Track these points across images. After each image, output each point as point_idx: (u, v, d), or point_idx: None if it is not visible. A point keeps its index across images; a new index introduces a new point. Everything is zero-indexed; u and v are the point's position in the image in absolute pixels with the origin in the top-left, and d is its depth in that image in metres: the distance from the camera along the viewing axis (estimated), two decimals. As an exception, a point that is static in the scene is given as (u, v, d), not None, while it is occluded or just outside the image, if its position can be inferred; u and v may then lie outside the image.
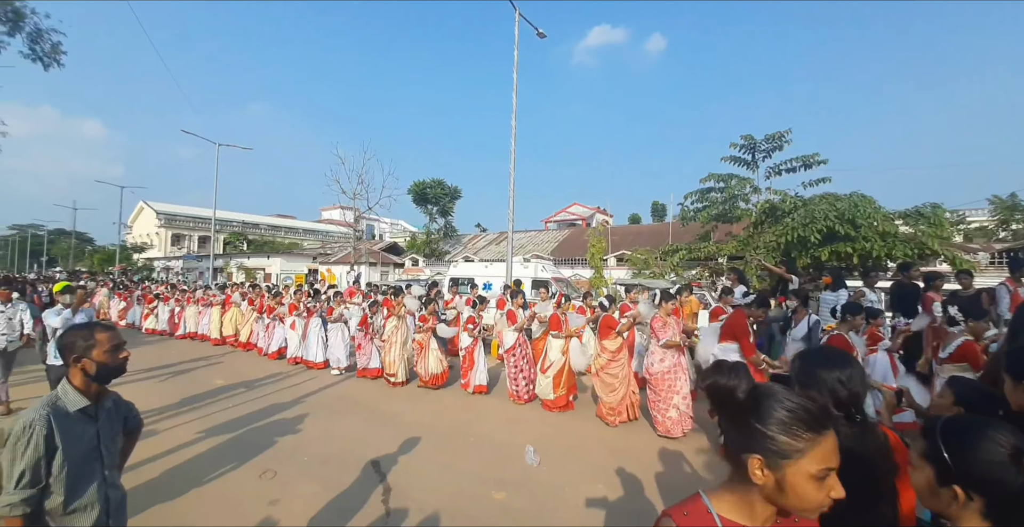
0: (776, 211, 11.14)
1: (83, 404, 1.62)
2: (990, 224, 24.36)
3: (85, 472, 1.60)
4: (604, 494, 3.50)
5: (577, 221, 38.71)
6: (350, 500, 3.33)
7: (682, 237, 17.89)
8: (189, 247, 45.12)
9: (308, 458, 4.06)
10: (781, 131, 11.52)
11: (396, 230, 49.82)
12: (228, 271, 30.26)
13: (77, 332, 1.68)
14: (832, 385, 1.39)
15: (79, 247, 47.81)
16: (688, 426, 4.71)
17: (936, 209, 9.59)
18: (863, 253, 8.83)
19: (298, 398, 6.04)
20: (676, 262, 12.92)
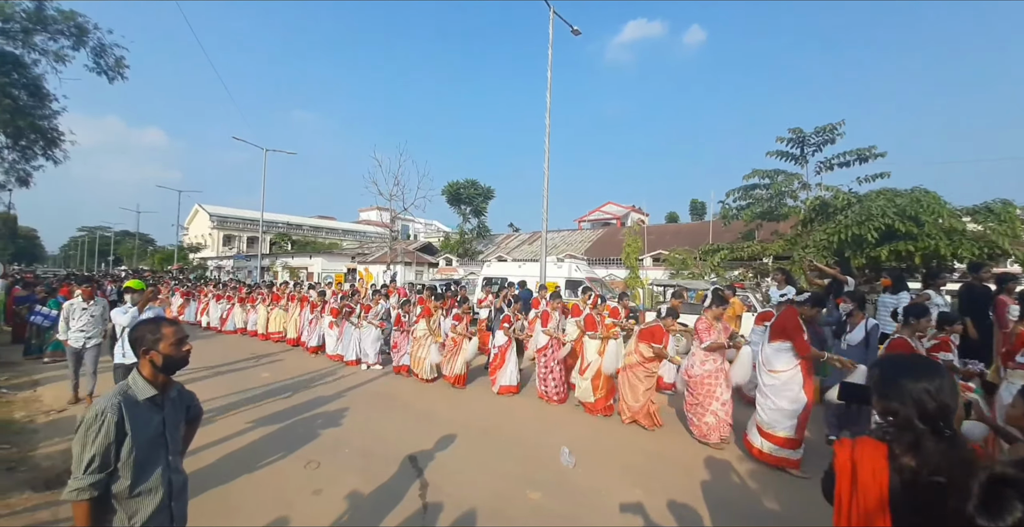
0: (827, 208, 10.46)
1: (151, 393, 1.71)
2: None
3: (151, 457, 1.67)
4: (641, 499, 3.41)
5: (611, 220, 38.07)
6: (389, 493, 3.42)
7: (723, 236, 17.23)
8: (239, 247, 47.80)
9: (349, 451, 4.20)
10: (833, 123, 10.83)
11: (430, 230, 50.80)
12: (274, 270, 31.83)
13: (146, 326, 1.78)
14: (919, 396, 1.28)
15: (142, 247, 51.78)
16: (726, 433, 4.50)
17: (1007, 205, 8.71)
18: (926, 252, 8.17)
19: (339, 393, 6.26)
20: (717, 262, 12.43)
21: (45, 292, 9.27)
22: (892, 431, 1.33)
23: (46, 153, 16.53)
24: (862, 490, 1.31)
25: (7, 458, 3.91)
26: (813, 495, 3.48)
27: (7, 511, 3.08)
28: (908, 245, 8.27)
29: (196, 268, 37.19)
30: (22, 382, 6.54)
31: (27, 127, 15.29)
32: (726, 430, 4.51)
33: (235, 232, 49.39)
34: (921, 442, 1.26)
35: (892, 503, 1.26)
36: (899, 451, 1.28)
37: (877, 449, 1.32)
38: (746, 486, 3.71)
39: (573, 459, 4.07)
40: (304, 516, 3.09)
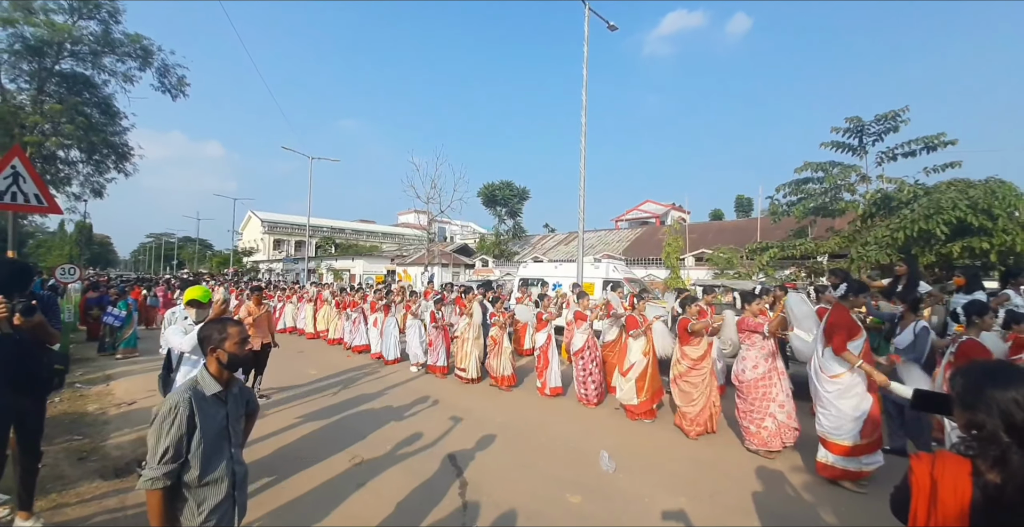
0: (890, 202, 9.66)
1: (217, 389, 1.82)
2: None
3: (217, 449, 1.78)
4: (685, 507, 3.28)
5: (650, 219, 37.12)
6: (430, 490, 3.47)
7: (772, 234, 16.36)
8: (287, 251, 50.43)
9: (391, 447, 4.31)
10: (895, 110, 10.02)
11: (466, 232, 51.48)
12: (320, 272, 33.29)
13: (213, 326, 1.92)
14: (1006, 406, 1.17)
15: (201, 252, 55.66)
16: (790, 439, 4.20)
17: None
18: (1003, 249, 7.39)
19: (381, 391, 6.45)
20: (766, 261, 11.79)
21: (117, 294, 10.12)
22: (977, 445, 1.21)
23: (117, 166, 18.16)
24: (941, 509, 1.20)
25: (79, 449, 4.19)
26: (874, 509, 3.24)
27: (76, 499, 3.27)
28: (982, 241, 7.52)
29: (249, 271, 39.55)
30: (96, 377, 7.11)
31: (100, 143, 16.83)
32: (790, 435, 4.21)
33: (284, 236, 52.16)
34: (1008, 456, 1.14)
35: (973, 519, 1.15)
36: (984, 467, 1.17)
37: (961, 465, 1.21)
38: (801, 498, 3.49)
39: (614, 464, 3.97)
40: (351, 510, 3.19)
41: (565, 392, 6.28)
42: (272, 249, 50.78)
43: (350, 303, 9.79)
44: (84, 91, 16.33)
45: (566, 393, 6.27)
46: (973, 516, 1.16)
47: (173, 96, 17.88)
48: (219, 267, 43.15)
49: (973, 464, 1.19)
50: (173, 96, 17.88)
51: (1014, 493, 1.12)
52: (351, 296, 10.08)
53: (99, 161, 17.80)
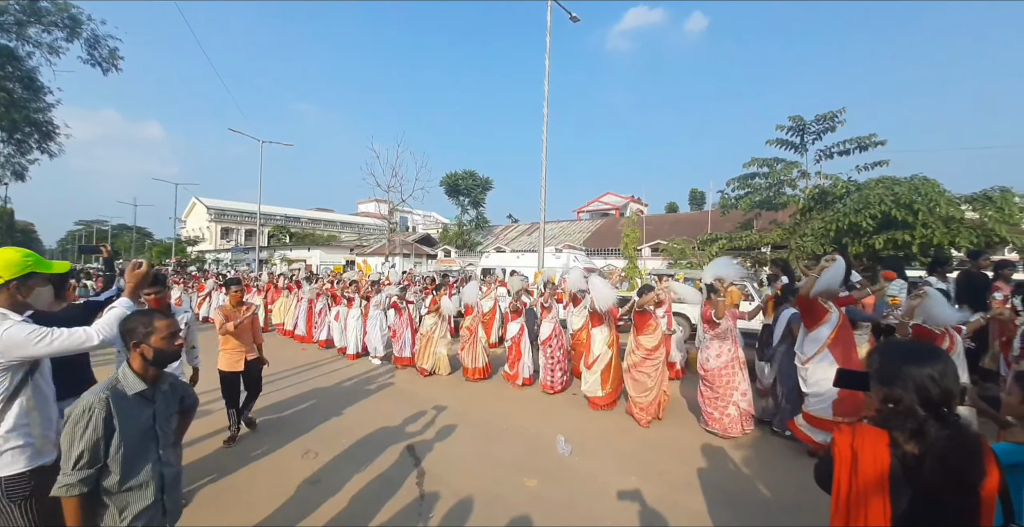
0: (826, 196, 10.42)
1: (140, 388, 1.67)
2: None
3: (141, 452, 1.65)
4: (637, 486, 3.44)
5: (611, 211, 38.01)
6: (386, 483, 3.44)
7: (722, 226, 17.19)
8: (237, 240, 47.68)
9: (347, 441, 4.22)
10: (833, 111, 10.75)
11: (429, 222, 50.67)
12: (272, 263, 31.77)
13: (138, 318, 1.74)
14: (922, 382, 1.26)
15: (139, 241, 51.57)
16: (749, 426, 4.43)
17: (1005, 193, 8.66)
18: (924, 241, 8.16)
19: (338, 384, 6.28)
20: (715, 252, 12.40)
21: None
22: (894, 418, 1.30)
23: (41, 146, 16.39)
24: (862, 478, 1.29)
25: None
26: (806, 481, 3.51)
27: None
28: (905, 234, 8.25)
29: (194, 261, 37.11)
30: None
31: (22, 120, 15.12)
32: (749, 422, 4.44)
33: (233, 225, 49.22)
34: (925, 428, 1.24)
35: (892, 490, 1.25)
36: (902, 439, 1.27)
37: (879, 437, 1.29)
38: (741, 473, 3.74)
39: (570, 447, 4.09)
40: (302, 506, 3.11)
41: (535, 382, 6.32)
42: (219, 238, 47.82)
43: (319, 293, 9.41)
44: (7, 64, 14.54)
45: (535, 383, 6.32)
46: (891, 483, 1.25)
47: (104, 70, 16.22)
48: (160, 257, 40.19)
49: (890, 436, 1.30)
50: (104, 70, 16.22)
51: (934, 463, 1.21)
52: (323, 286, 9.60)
53: (21, 140, 15.98)
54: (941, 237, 8.03)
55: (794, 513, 3.10)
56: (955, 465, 1.22)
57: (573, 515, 3.07)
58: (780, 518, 3.06)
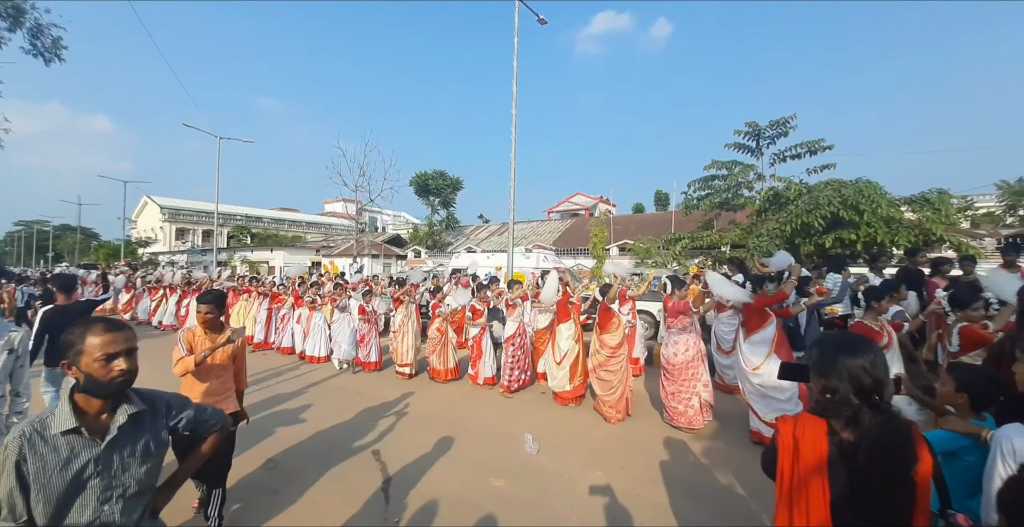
0: (780, 198, 10.99)
1: (69, 425, 1.28)
2: (998, 210, 24.04)
3: (73, 507, 1.29)
4: (604, 481, 3.51)
5: (580, 211, 38.52)
6: (350, 490, 3.36)
7: (685, 226, 17.76)
8: (193, 241, 45.38)
9: (310, 448, 4.11)
10: (786, 117, 11.34)
11: (399, 222, 49.83)
12: (232, 264, 30.43)
13: (77, 330, 1.38)
14: (856, 373, 1.33)
15: (85, 242, 48.15)
16: (709, 416, 4.60)
17: (942, 195, 9.43)
18: (867, 240, 8.73)
19: (301, 390, 6.09)
20: (678, 251, 12.83)
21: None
22: (831, 407, 1.38)
23: (-24, 143, 15.03)
24: (803, 463, 1.36)
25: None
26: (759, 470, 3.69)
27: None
28: (851, 233, 8.80)
29: (146, 264, 35.07)
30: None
31: (-43, 115, 13.83)
32: (708, 412, 4.59)
33: (189, 225, 46.81)
34: (859, 416, 1.32)
35: (831, 475, 1.33)
36: (838, 426, 1.35)
37: (818, 425, 1.37)
38: (701, 464, 3.88)
39: (537, 445, 4.13)
40: (260, 517, 3.00)
41: (498, 381, 6.33)
42: (174, 239, 45.35)
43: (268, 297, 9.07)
44: None
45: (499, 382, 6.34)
46: (830, 469, 1.33)
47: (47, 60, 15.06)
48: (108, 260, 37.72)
49: (828, 424, 1.38)
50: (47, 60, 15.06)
51: (868, 448, 1.29)
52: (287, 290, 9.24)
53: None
54: (883, 236, 8.61)
55: (749, 500, 3.25)
56: (887, 450, 1.31)
57: (539, 513, 3.10)
58: (736, 505, 3.21)
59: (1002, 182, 23.57)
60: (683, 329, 4.71)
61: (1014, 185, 22.92)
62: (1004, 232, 16.81)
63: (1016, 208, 22.59)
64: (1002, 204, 23.74)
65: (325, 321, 7.84)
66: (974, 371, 2.06)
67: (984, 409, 1.89)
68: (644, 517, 3.05)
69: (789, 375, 1.91)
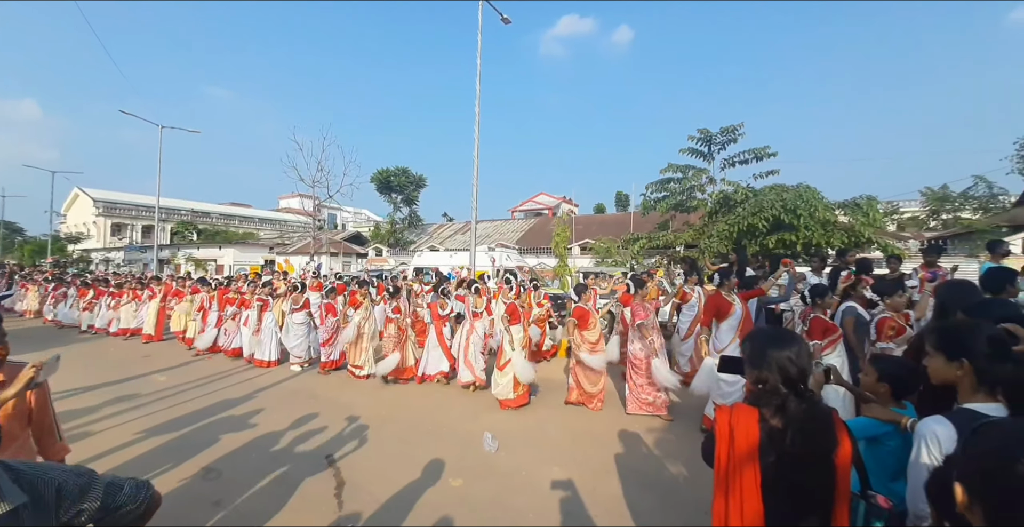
0: (729, 201, 11.61)
1: None
2: (921, 214, 26.31)
3: None
4: (561, 476, 3.57)
5: (544, 210, 38.91)
6: (301, 497, 3.24)
7: (643, 226, 18.34)
8: (131, 237, 42.10)
9: (257, 455, 3.92)
10: (734, 125, 11.96)
11: (360, 219, 48.42)
12: (175, 263, 28.53)
13: None
14: (782, 363, 1.43)
15: (7, 237, 43.51)
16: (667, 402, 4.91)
17: (870, 200, 10.31)
18: (806, 241, 9.38)
19: (250, 394, 5.80)
20: (636, 251, 13.25)
21: None
22: (762, 396, 1.48)
23: None
24: (737, 450, 1.45)
25: None
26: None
27: None
28: (791, 235, 9.43)
29: (77, 261, 32.19)
30: None
31: None
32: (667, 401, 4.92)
33: (126, 220, 43.34)
34: (786, 404, 1.42)
35: (762, 460, 1.41)
36: (768, 414, 1.44)
37: (751, 414, 1.46)
38: (652, 454, 4.04)
39: (496, 443, 4.14)
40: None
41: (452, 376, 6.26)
42: (109, 235, 41.87)
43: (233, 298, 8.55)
44: None
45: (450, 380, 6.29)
46: (761, 454, 1.42)
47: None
48: (33, 257, 34.28)
49: (760, 412, 1.47)
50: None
51: (796, 434, 1.38)
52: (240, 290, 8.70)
53: None
54: (819, 238, 9.28)
55: (696, 487, 3.41)
56: (811, 435, 1.41)
57: (497, 512, 3.11)
58: (685, 493, 3.35)
59: (926, 189, 25.82)
60: (646, 326, 4.95)
61: (936, 191, 25.12)
62: (927, 235, 18.51)
63: (938, 213, 24.77)
64: (925, 209, 26.01)
65: (276, 322, 7.51)
66: (895, 362, 2.22)
67: (904, 398, 2.02)
68: (599, 509, 3.13)
69: (727, 368, 2.02)
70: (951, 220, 22.82)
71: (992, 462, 0.82)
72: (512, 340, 5.31)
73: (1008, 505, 0.77)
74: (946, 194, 24.55)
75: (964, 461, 0.89)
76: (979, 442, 0.88)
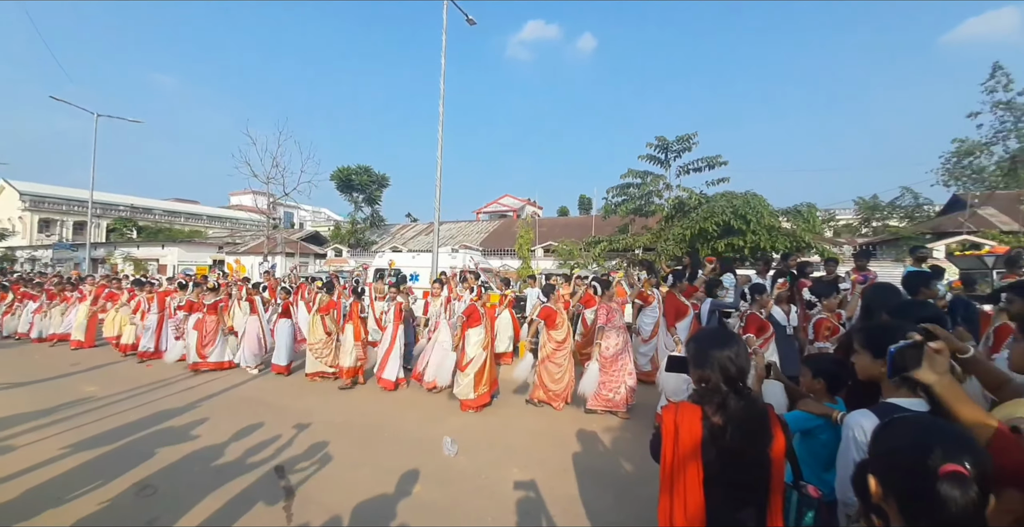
0: (684, 206, 12.14)
1: None
2: (855, 222, 28.60)
3: None
4: (520, 478, 3.59)
5: (508, 212, 39.01)
6: (246, 510, 3.08)
7: (604, 229, 18.77)
8: (62, 234, 38.63)
9: (198, 469, 3.68)
10: (689, 134, 12.51)
11: (319, 219, 46.74)
12: (111, 262, 26.45)
13: None
14: (723, 363, 1.50)
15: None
16: (632, 399, 5.03)
17: (810, 208, 11.10)
18: (753, 245, 9.96)
19: (193, 403, 5.46)
20: (598, 253, 13.56)
21: None
22: (705, 395, 1.55)
23: None
24: (681, 446, 1.51)
25: None
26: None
27: None
28: (740, 239, 9.98)
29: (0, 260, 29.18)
30: None
31: None
32: (632, 397, 5.04)
33: (56, 215, 39.71)
34: (727, 402, 1.49)
35: (704, 456, 1.48)
36: (710, 412, 1.50)
37: (694, 411, 1.53)
38: (608, 452, 4.14)
39: (456, 447, 4.11)
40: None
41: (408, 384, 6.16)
42: (36, 232, 38.19)
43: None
44: None
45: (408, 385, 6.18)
46: (703, 448, 1.48)
47: None
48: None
49: (703, 410, 1.54)
50: None
51: (735, 431, 1.45)
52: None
53: None
54: (765, 242, 9.87)
55: (649, 484, 3.51)
56: (748, 431, 1.50)
57: (456, 516, 3.08)
58: (638, 490, 3.45)
59: (859, 198, 28.20)
60: (612, 325, 5.10)
61: (868, 201, 27.45)
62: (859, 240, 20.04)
63: (870, 220, 27.04)
64: (858, 217, 28.33)
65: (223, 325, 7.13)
66: (826, 360, 2.38)
67: (838, 393, 2.15)
68: (556, 509, 3.17)
69: (673, 367, 2.10)
70: (881, 227, 24.90)
71: (902, 458, 0.86)
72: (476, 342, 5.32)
73: (918, 497, 0.82)
74: (876, 203, 26.87)
75: (875, 456, 0.94)
76: (888, 438, 0.93)
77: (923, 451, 0.82)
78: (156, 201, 46.82)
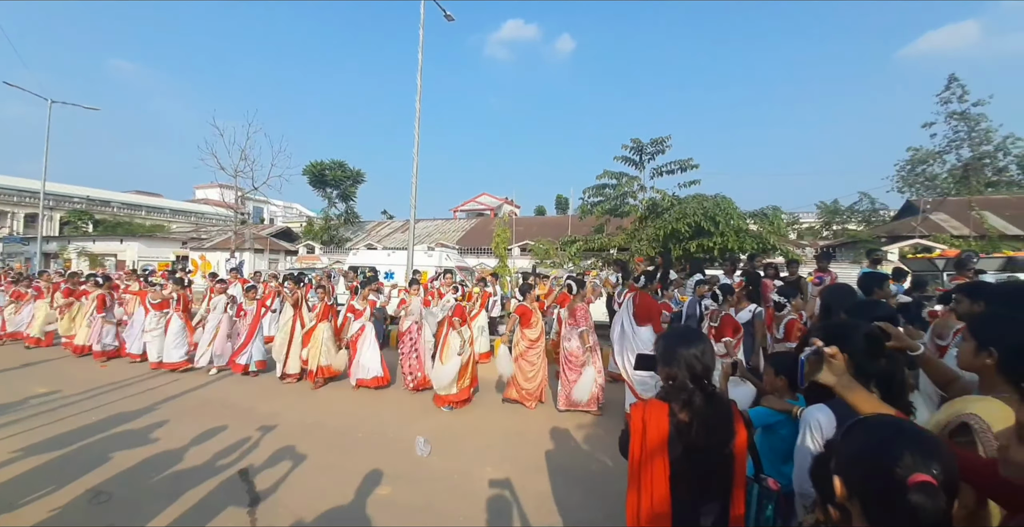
0: (657, 208, 12.41)
1: None
2: (816, 225, 29.96)
3: None
4: (493, 476, 3.60)
5: (486, 211, 38.92)
6: (207, 518, 2.97)
7: (580, 229, 18.94)
8: (12, 227, 36.23)
9: (156, 473, 3.53)
10: (663, 136, 12.80)
11: (290, 214, 45.45)
12: (65, 257, 24.99)
13: None
14: (689, 361, 1.54)
15: None
16: (601, 398, 5.07)
17: (775, 211, 11.57)
18: (722, 246, 10.30)
19: (153, 405, 5.23)
20: (573, 252, 13.70)
21: None
22: (672, 392, 1.59)
23: None
24: (649, 442, 1.55)
25: None
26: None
27: None
28: (710, 241, 10.30)
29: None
30: None
31: None
32: (601, 395, 5.08)
33: (6, 207, 37.23)
34: (692, 399, 1.54)
35: (670, 451, 1.53)
36: (677, 409, 1.55)
37: (662, 408, 1.57)
38: (581, 449, 4.20)
39: (428, 447, 4.08)
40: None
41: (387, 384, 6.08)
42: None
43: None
44: None
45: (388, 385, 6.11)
46: (670, 444, 1.53)
47: None
48: None
49: (670, 407, 1.59)
50: None
51: (700, 427, 1.51)
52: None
53: None
54: (733, 243, 10.21)
55: (619, 480, 3.58)
56: (713, 428, 1.55)
57: (427, 517, 3.06)
58: (609, 486, 3.50)
59: (821, 203, 29.60)
60: (582, 325, 5.14)
61: (829, 205, 28.82)
62: (821, 243, 20.97)
63: (830, 224, 28.37)
64: (820, 220, 29.69)
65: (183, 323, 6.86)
66: (787, 357, 2.49)
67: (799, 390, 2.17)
68: (528, 507, 3.20)
69: (642, 365, 2.15)
70: (840, 230, 26.14)
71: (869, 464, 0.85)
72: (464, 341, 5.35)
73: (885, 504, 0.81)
74: (836, 208, 28.24)
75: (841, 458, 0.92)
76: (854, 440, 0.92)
77: (891, 459, 0.80)
78: (115, 193, 44.52)
